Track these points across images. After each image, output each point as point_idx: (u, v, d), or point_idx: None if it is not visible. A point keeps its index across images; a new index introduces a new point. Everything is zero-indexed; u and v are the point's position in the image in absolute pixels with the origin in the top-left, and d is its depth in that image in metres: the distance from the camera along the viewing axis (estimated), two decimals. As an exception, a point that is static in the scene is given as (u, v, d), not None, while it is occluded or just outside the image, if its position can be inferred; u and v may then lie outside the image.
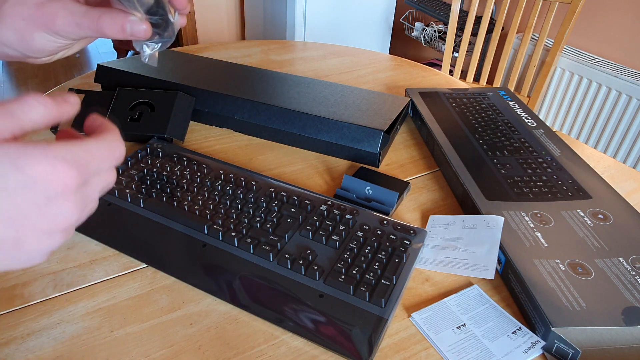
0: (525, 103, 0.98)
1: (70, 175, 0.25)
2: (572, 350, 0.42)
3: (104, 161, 0.27)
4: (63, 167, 0.24)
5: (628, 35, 1.67)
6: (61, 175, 0.24)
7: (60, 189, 0.24)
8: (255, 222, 0.54)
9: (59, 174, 0.24)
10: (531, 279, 0.47)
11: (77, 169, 0.25)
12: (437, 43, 2.18)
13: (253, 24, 2.41)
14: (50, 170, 0.24)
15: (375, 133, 0.68)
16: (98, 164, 0.27)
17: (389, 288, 0.47)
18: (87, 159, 0.26)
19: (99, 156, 0.27)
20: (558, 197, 0.59)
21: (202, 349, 0.43)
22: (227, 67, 0.86)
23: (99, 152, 0.27)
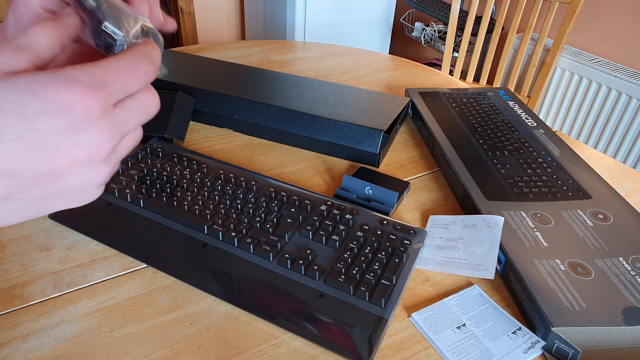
0: (525, 103, 0.98)
1: (89, 97, 0.23)
2: (572, 350, 0.42)
3: (129, 79, 0.25)
4: (80, 89, 0.23)
5: (628, 35, 1.67)
6: (79, 97, 0.23)
7: (83, 113, 0.23)
8: (255, 222, 0.54)
9: (77, 96, 0.23)
10: (531, 279, 0.47)
11: (95, 89, 0.23)
12: (437, 43, 2.18)
13: (253, 24, 2.41)
14: (66, 93, 0.23)
15: (375, 133, 0.68)
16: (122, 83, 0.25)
17: (389, 288, 0.47)
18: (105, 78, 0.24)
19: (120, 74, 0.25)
20: (558, 197, 0.59)
21: (202, 349, 0.43)
22: (227, 67, 0.86)
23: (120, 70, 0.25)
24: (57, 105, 0.23)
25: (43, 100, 0.22)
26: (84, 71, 0.24)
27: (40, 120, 0.22)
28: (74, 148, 0.23)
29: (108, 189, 0.57)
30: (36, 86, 0.22)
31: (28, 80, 0.22)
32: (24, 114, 0.22)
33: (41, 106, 0.22)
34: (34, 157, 0.23)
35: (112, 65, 0.25)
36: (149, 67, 0.27)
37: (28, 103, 0.22)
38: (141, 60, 0.27)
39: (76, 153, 0.24)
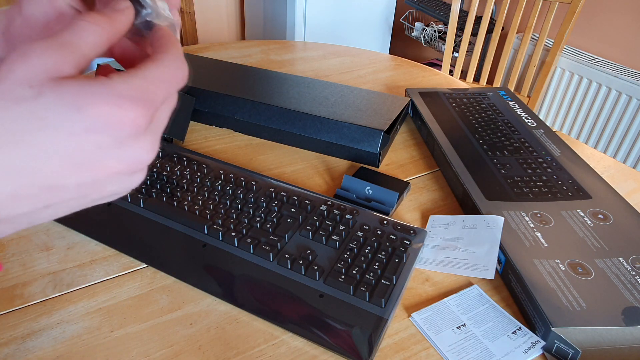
0: (525, 103, 0.98)
1: (139, 114, 0.23)
2: (572, 350, 0.42)
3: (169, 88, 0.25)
4: (128, 106, 0.22)
5: (628, 35, 1.67)
6: (130, 116, 0.22)
7: (132, 131, 0.23)
8: (255, 222, 0.54)
9: (128, 115, 0.22)
10: (531, 279, 0.47)
11: (144, 106, 0.23)
12: (437, 43, 2.18)
13: (253, 24, 2.41)
14: (117, 112, 0.22)
15: (375, 133, 0.68)
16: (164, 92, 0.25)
17: (389, 288, 0.47)
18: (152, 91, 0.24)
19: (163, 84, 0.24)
20: (558, 197, 0.59)
21: (202, 349, 0.43)
22: (227, 67, 0.86)
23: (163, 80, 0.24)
24: (105, 123, 0.22)
25: (91, 118, 0.22)
26: (132, 84, 0.23)
27: (87, 138, 0.22)
28: (118, 163, 0.23)
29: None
30: (84, 102, 0.22)
31: (75, 93, 0.22)
32: (71, 131, 0.22)
33: (89, 124, 0.22)
34: (77, 172, 0.23)
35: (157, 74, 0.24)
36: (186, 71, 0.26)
37: (76, 121, 0.22)
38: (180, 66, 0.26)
39: (119, 167, 0.23)
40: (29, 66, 0.22)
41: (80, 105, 0.21)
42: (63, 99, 0.21)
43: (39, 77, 0.21)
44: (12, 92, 0.21)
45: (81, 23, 0.23)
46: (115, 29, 0.25)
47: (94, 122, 0.22)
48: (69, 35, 0.23)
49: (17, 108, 0.21)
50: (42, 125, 0.21)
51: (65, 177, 0.22)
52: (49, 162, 0.22)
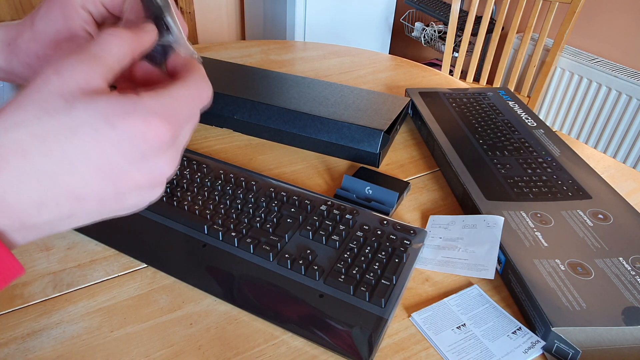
0: (525, 103, 0.98)
1: (165, 130, 0.24)
2: (572, 350, 0.42)
3: (194, 107, 0.26)
4: (157, 123, 0.24)
5: (628, 35, 1.67)
6: (156, 131, 0.24)
7: (157, 146, 0.24)
8: (255, 222, 0.54)
9: (154, 130, 0.23)
10: (531, 279, 0.47)
11: (170, 122, 0.24)
12: (437, 43, 2.18)
13: (253, 24, 2.41)
14: (144, 127, 0.23)
15: (375, 133, 0.68)
16: (189, 112, 0.26)
17: (389, 288, 0.47)
18: (178, 109, 0.25)
19: (189, 103, 0.26)
20: (558, 197, 0.59)
21: (202, 349, 0.43)
22: (227, 67, 0.86)
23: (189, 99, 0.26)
24: (133, 137, 0.23)
25: (121, 132, 0.23)
26: (159, 101, 0.24)
27: (115, 151, 0.23)
28: (141, 175, 0.24)
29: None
30: (115, 116, 0.23)
31: (106, 107, 0.23)
32: (101, 144, 0.23)
33: (118, 137, 0.23)
34: (101, 183, 0.24)
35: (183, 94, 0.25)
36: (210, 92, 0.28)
37: (106, 133, 0.23)
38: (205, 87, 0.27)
39: (142, 179, 0.25)
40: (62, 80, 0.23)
41: (111, 119, 0.23)
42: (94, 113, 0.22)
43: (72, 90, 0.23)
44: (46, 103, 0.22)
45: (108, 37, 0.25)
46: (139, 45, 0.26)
47: (122, 136, 0.23)
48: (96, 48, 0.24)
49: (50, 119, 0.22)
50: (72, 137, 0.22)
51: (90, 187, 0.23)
52: (76, 171, 0.23)
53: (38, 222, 0.24)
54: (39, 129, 0.22)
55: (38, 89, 0.23)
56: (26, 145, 0.22)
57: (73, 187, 0.23)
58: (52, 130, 0.22)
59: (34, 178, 0.22)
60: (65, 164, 0.23)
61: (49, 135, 0.22)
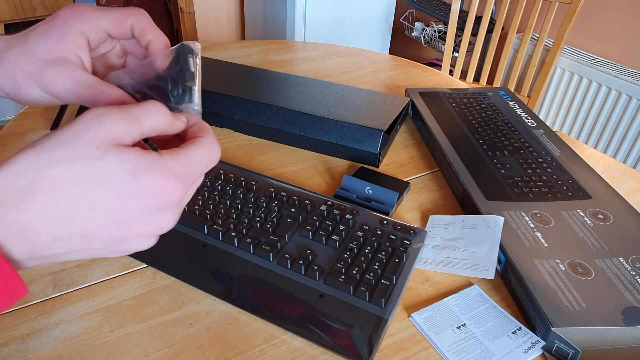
0: (525, 103, 0.98)
1: (178, 189, 0.27)
2: (572, 350, 0.42)
3: (205, 167, 0.29)
4: (173, 182, 0.26)
5: (628, 35, 1.67)
6: (171, 189, 0.26)
7: (169, 202, 0.27)
8: (255, 222, 0.54)
9: (169, 188, 0.26)
10: (531, 279, 0.47)
11: (183, 183, 0.27)
12: (437, 43, 2.18)
13: (253, 24, 2.41)
14: (161, 184, 0.26)
15: (375, 133, 0.68)
16: (200, 173, 0.29)
17: (389, 288, 0.47)
18: (192, 170, 0.28)
19: (201, 166, 0.29)
20: (558, 197, 0.59)
21: (202, 349, 0.43)
22: (227, 67, 0.86)
23: (201, 162, 0.29)
24: (151, 192, 0.26)
25: (141, 186, 0.25)
26: (178, 162, 0.27)
27: (132, 201, 0.26)
28: (147, 224, 0.27)
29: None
30: (139, 171, 0.25)
31: (134, 162, 0.25)
32: (123, 193, 0.25)
33: (138, 189, 0.25)
34: (113, 228, 0.26)
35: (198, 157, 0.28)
36: (219, 155, 0.30)
37: (129, 185, 0.25)
38: (215, 151, 0.30)
39: (147, 228, 0.27)
40: (101, 130, 0.25)
41: (136, 173, 0.25)
42: (123, 165, 0.25)
43: (107, 140, 0.25)
44: (82, 148, 0.25)
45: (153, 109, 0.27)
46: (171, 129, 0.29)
47: (142, 189, 0.25)
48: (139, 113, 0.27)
49: (83, 164, 0.24)
50: (99, 183, 0.25)
51: (102, 229, 0.26)
52: (95, 214, 0.25)
53: (46, 254, 0.25)
54: (72, 171, 0.24)
55: (78, 134, 0.25)
56: (57, 184, 0.24)
57: (88, 228, 0.25)
58: (83, 174, 0.24)
59: (56, 216, 0.24)
60: (88, 207, 0.25)
61: (79, 179, 0.24)
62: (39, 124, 0.76)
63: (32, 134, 0.74)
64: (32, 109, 0.80)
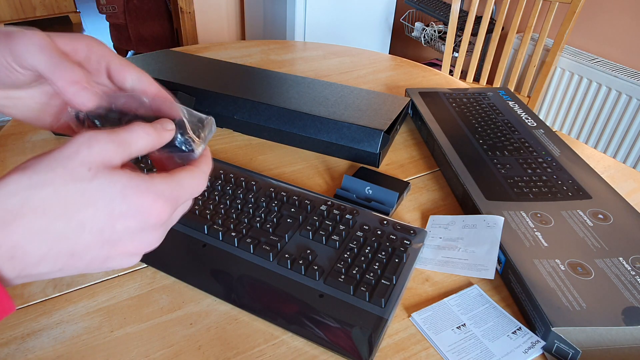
0: (525, 103, 0.98)
1: (165, 211, 0.27)
2: (572, 350, 0.42)
3: (191, 195, 0.30)
4: (161, 204, 0.27)
5: (628, 35, 1.67)
6: (159, 210, 0.27)
7: (155, 222, 0.27)
8: (255, 222, 0.54)
9: (157, 209, 0.27)
10: (531, 279, 0.47)
11: (171, 205, 0.28)
12: (437, 43, 2.18)
13: (253, 24, 2.41)
14: (150, 205, 0.27)
15: (375, 133, 0.68)
16: (187, 198, 0.29)
17: (389, 288, 0.47)
18: (180, 195, 0.28)
19: (189, 191, 0.29)
20: (558, 197, 0.59)
21: (202, 349, 0.43)
22: (227, 67, 0.86)
23: (190, 188, 0.29)
24: (139, 211, 0.26)
25: (130, 206, 0.26)
26: (168, 185, 0.28)
27: (121, 221, 0.26)
28: (131, 244, 0.27)
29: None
30: (130, 192, 0.26)
31: (124, 183, 0.26)
32: (112, 213, 0.26)
33: (127, 209, 0.26)
34: (99, 247, 0.26)
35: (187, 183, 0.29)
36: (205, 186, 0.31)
37: (118, 205, 0.26)
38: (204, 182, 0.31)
39: (131, 247, 0.27)
40: (92, 152, 0.26)
41: (126, 194, 0.26)
42: (113, 186, 0.26)
43: (97, 162, 0.26)
44: (74, 171, 0.25)
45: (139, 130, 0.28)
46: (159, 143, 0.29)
47: (131, 209, 0.26)
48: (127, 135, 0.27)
49: (75, 185, 0.25)
50: (89, 203, 0.25)
51: (88, 249, 0.26)
52: (83, 234, 0.25)
53: (33, 273, 0.26)
54: (63, 192, 0.25)
55: (69, 156, 0.25)
56: (48, 206, 0.24)
57: (75, 247, 0.26)
58: (74, 196, 0.25)
59: (45, 236, 0.25)
60: (77, 227, 0.25)
61: (69, 199, 0.25)
62: (39, 124, 0.76)
63: (32, 134, 0.74)
64: (32, 109, 0.80)
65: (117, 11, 2.59)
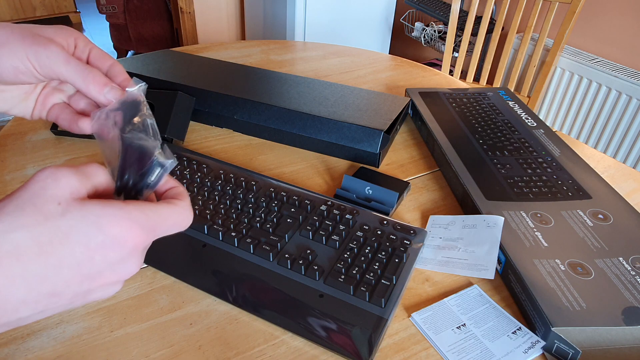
0: (525, 103, 0.98)
1: (142, 239, 0.27)
2: (572, 350, 0.42)
3: (171, 228, 0.29)
4: (137, 230, 0.26)
5: (628, 35, 1.67)
6: (135, 238, 0.26)
7: (132, 249, 0.27)
8: (255, 222, 0.54)
9: (134, 237, 0.26)
10: (531, 279, 0.47)
11: (147, 232, 0.27)
12: (437, 43, 2.18)
13: (253, 24, 2.41)
14: (126, 232, 0.26)
15: (375, 133, 0.68)
16: (165, 230, 0.29)
17: (389, 288, 0.47)
18: (158, 226, 0.28)
19: (168, 224, 0.29)
20: (558, 197, 0.59)
21: (202, 349, 0.43)
22: (227, 67, 0.86)
23: (169, 219, 0.29)
24: (116, 242, 0.26)
25: (107, 236, 0.25)
26: (143, 213, 0.27)
27: (99, 253, 0.25)
28: (112, 274, 0.27)
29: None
30: (104, 222, 0.25)
31: (97, 214, 0.25)
32: (88, 246, 0.25)
33: (103, 241, 0.25)
34: (79, 282, 0.26)
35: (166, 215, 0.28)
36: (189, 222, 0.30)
37: (94, 237, 0.25)
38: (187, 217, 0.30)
39: (112, 278, 0.27)
40: (59, 186, 0.25)
41: (101, 224, 0.25)
42: (86, 218, 0.25)
43: (66, 196, 0.25)
44: (44, 207, 0.25)
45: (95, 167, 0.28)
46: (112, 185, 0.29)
47: (108, 240, 0.25)
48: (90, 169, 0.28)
49: (47, 223, 0.24)
50: (64, 239, 0.24)
51: (68, 286, 0.25)
52: (61, 272, 0.25)
53: (12, 319, 0.25)
54: (36, 232, 0.24)
55: (37, 194, 0.25)
56: (23, 248, 0.24)
57: (54, 286, 0.25)
58: (48, 234, 0.24)
59: (23, 280, 0.24)
60: (55, 266, 0.24)
61: (44, 239, 0.24)
62: (39, 124, 0.76)
63: (32, 134, 0.74)
64: (32, 109, 0.80)
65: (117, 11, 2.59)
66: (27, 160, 0.67)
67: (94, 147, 0.71)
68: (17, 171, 0.65)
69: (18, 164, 0.67)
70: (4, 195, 0.60)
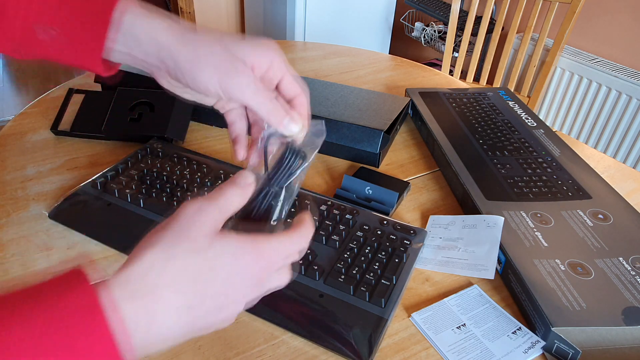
0: (525, 103, 0.98)
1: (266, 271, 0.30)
2: (572, 350, 0.42)
3: (289, 259, 0.32)
4: (263, 263, 0.30)
5: (628, 35, 1.67)
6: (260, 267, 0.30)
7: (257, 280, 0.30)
8: (255, 222, 0.54)
9: (258, 268, 0.29)
10: (531, 279, 0.47)
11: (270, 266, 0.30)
12: (437, 43, 2.18)
13: (253, 24, 2.41)
14: (255, 262, 0.29)
15: (375, 133, 0.68)
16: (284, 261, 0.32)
17: (389, 288, 0.47)
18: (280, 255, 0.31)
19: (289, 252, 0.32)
20: (558, 197, 0.59)
21: (202, 349, 0.43)
22: (227, 67, 0.86)
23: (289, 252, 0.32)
24: (249, 271, 0.29)
25: (242, 266, 0.29)
26: (271, 246, 0.30)
27: (236, 280, 0.29)
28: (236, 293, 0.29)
29: (108, 189, 0.58)
30: (240, 253, 0.29)
31: (235, 246, 0.29)
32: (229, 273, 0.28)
33: (240, 270, 0.29)
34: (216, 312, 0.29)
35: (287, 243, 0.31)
36: (304, 251, 0.33)
37: (233, 266, 0.28)
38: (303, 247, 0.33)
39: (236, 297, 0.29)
40: (206, 223, 0.28)
41: (238, 255, 0.29)
42: (227, 250, 0.28)
43: (210, 232, 0.28)
44: (196, 242, 0.28)
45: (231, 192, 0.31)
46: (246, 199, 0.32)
47: (243, 269, 0.29)
48: (223, 201, 0.30)
49: (198, 255, 0.27)
50: (212, 272, 0.28)
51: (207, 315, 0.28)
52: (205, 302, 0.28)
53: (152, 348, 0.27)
54: (191, 264, 0.27)
55: (188, 228, 0.28)
56: (179, 277, 0.27)
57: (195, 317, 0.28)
58: (199, 265, 0.27)
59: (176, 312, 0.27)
60: (201, 296, 0.27)
61: (196, 270, 0.27)
62: (39, 124, 0.76)
63: (32, 134, 0.74)
64: (32, 109, 0.80)
65: (117, 11, 2.59)
66: (27, 160, 0.67)
67: (94, 147, 0.71)
68: (17, 171, 0.65)
69: (18, 164, 0.67)
70: (14, 198, 0.60)
